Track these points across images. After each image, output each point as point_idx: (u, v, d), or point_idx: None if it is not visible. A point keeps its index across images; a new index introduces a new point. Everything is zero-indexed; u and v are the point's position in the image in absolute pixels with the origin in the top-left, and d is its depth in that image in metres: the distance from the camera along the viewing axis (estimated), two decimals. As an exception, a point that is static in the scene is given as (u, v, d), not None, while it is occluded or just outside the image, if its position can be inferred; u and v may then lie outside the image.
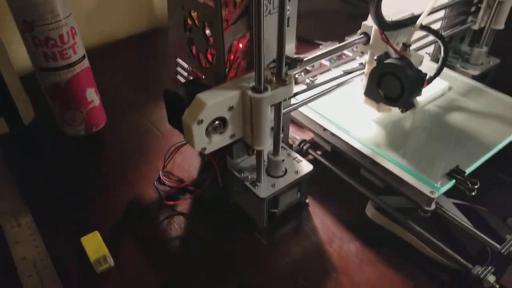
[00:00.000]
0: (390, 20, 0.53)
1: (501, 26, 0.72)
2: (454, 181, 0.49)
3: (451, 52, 0.77)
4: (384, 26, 0.53)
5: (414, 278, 0.50)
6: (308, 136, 0.67)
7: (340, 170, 0.59)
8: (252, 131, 0.47)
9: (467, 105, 0.62)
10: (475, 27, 0.74)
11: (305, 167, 0.54)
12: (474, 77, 0.71)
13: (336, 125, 0.59)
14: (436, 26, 0.69)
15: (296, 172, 0.54)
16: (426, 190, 0.48)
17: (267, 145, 0.48)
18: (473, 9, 0.73)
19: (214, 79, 0.50)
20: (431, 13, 0.56)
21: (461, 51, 0.78)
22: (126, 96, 0.82)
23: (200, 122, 0.43)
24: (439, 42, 0.56)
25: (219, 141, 0.47)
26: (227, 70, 0.48)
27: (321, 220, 0.57)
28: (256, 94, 0.44)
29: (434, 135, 0.57)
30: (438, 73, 0.58)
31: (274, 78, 0.46)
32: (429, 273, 0.50)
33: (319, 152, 0.64)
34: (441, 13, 0.68)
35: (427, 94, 0.62)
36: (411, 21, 0.54)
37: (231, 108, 0.45)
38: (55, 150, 0.70)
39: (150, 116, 0.76)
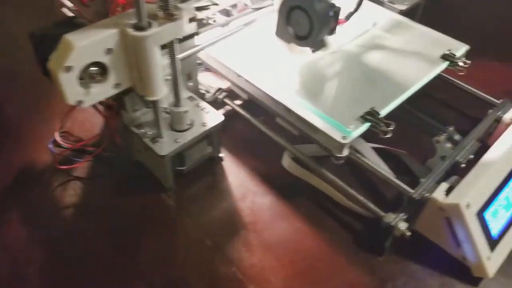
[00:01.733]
0: None
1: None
2: (368, 124, 0.46)
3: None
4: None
5: (328, 229, 0.47)
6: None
7: (257, 119, 0.55)
8: (141, 78, 0.41)
9: (390, 42, 0.58)
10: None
11: (214, 118, 0.49)
12: (402, 12, 0.66)
13: (250, 69, 0.53)
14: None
15: (204, 124, 0.48)
16: (337, 135, 0.45)
17: (161, 95, 0.42)
18: None
19: (96, 18, 0.43)
20: None
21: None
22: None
23: (69, 69, 0.36)
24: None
25: (101, 92, 0.40)
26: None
27: (236, 174, 0.53)
28: (137, 32, 0.37)
29: (352, 76, 0.53)
30: (357, 7, 0.53)
31: (161, 13, 0.39)
32: (344, 223, 0.48)
33: (238, 102, 0.59)
34: None
35: (348, 32, 0.58)
36: None
37: (109, 51, 0.38)
38: None
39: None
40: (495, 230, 0.44)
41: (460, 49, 0.56)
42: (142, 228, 0.47)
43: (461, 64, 0.54)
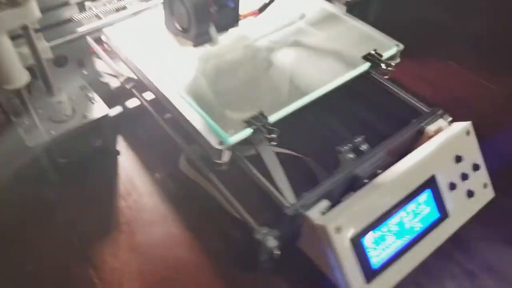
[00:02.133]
0: None
1: None
2: (251, 130, 0.42)
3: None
4: None
5: (206, 238, 0.44)
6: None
7: (160, 114, 0.51)
8: (-8, 66, 0.38)
9: (313, 39, 0.52)
10: None
11: (99, 110, 0.46)
12: (349, 3, 0.59)
13: (145, 58, 0.49)
14: None
15: (85, 116, 0.45)
16: (214, 140, 0.41)
17: (19, 84, 0.39)
18: None
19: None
20: None
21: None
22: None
23: None
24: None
25: None
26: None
27: (128, 170, 0.50)
28: (-26, 18, 0.35)
29: (253, 75, 0.48)
30: (273, -2, 0.48)
31: (5, -3, 0.36)
32: (225, 233, 0.44)
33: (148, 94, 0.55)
34: None
35: (266, 24, 0.52)
36: None
37: (-50, 37, 0.36)
38: None
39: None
40: (376, 260, 0.39)
41: (391, 48, 0.50)
42: (19, 221, 0.45)
43: (383, 66, 0.47)
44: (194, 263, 0.42)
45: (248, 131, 0.42)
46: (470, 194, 0.45)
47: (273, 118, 0.42)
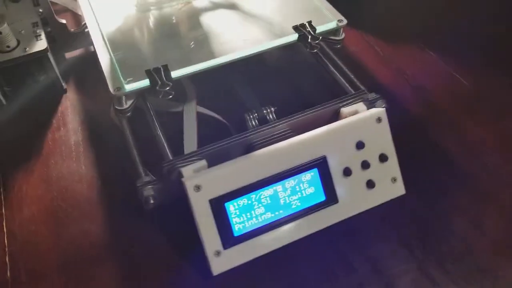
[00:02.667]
0: None
1: None
2: (148, 80, 0.42)
3: None
4: None
5: (108, 179, 0.47)
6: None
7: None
8: None
9: (255, 2, 0.50)
10: None
11: (39, 45, 0.50)
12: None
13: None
14: None
15: (25, 49, 0.49)
16: (112, 85, 0.43)
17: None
18: None
19: None
20: None
21: None
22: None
23: None
24: None
25: None
26: None
27: (66, 108, 0.54)
28: None
29: (179, 30, 0.48)
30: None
31: None
32: (129, 176, 0.46)
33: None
34: None
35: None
36: None
37: None
38: None
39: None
40: (238, 227, 0.39)
41: (331, 22, 0.47)
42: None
43: (310, 39, 0.45)
44: (89, 201, 0.45)
45: (145, 82, 0.43)
46: (370, 185, 0.42)
47: (176, 74, 0.43)
